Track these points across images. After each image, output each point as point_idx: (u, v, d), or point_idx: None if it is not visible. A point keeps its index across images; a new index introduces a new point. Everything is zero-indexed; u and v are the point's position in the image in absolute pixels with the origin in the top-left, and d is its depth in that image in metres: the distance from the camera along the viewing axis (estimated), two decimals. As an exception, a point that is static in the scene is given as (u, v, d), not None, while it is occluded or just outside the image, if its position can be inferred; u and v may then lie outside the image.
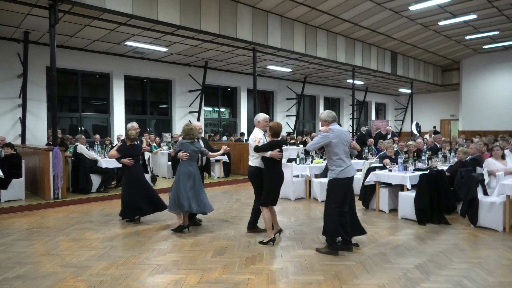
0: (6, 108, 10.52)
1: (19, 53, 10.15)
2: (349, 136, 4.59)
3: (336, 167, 4.42)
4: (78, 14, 8.22)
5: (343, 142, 4.43)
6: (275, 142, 4.85)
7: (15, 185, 7.42)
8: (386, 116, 25.46)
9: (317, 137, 4.55)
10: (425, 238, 5.14)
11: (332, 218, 4.42)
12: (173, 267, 4.10)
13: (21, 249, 4.74)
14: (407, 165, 6.56)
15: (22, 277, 3.84)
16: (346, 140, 4.49)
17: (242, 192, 8.99)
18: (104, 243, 4.97)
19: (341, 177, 4.39)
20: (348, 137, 4.56)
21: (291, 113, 18.69)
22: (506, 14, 12.63)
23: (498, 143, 7.00)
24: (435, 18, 12.75)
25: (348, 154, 4.53)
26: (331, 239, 4.45)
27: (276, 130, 4.88)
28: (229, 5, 10.23)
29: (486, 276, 3.83)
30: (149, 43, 11.14)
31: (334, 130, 4.43)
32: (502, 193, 5.36)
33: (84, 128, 12.62)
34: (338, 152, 4.40)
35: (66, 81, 12.43)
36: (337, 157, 4.42)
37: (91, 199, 7.81)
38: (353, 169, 4.51)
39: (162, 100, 15.06)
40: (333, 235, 4.45)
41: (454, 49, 17.60)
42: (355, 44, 14.71)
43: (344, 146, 4.45)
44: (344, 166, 4.40)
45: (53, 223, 6.06)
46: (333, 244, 4.45)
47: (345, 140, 4.48)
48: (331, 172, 4.48)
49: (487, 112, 19.06)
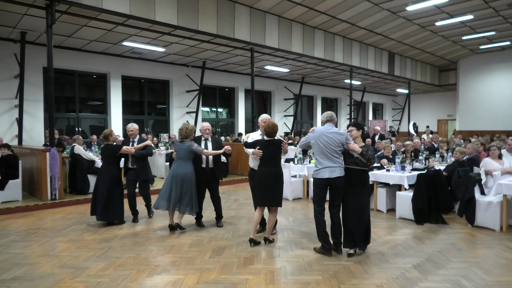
0: (3, 109, 10.46)
1: (16, 53, 10.10)
2: (333, 137, 4.35)
3: (314, 167, 4.53)
4: (75, 14, 8.19)
5: (318, 144, 4.38)
6: (257, 141, 4.88)
7: (12, 186, 7.39)
8: (384, 116, 25.52)
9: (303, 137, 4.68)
10: (423, 238, 5.15)
11: (316, 218, 4.49)
12: (171, 267, 4.10)
13: (18, 250, 4.71)
14: (405, 165, 6.58)
15: (19, 279, 3.82)
16: (326, 141, 4.33)
17: (240, 192, 8.99)
18: (101, 244, 4.95)
19: (314, 177, 4.50)
20: (330, 138, 4.34)
21: (289, 113, 18.70)
22: (503, 15, 12.69)
23: (495, 143, 7.03)
24: (432, 18, 12.79)
25: (329, 156, 4.31)
26: (321, 239, 4.47)
27: (266, 130, 4.79)
28: (226, 5, 10.23)
29: (484, 275, 3.84)
30: (146, 44, 11.12)
31: (315, 131, 4.50)
32: (499, 192, 5.38)
33: (81, 128, 12.58)
34: (315, 153, 4.48)
35: (63, 81, 12.38)
36: (315, 157, 4.51)
37: (88, 199, 7.71)
38: (330, 171, 4.30)
39: (160, 100, 15.03)
40: (320, 235, 4.47)
41: (451, 49, 17.66)
42: (352, 45, 14.74)
43: (320, 148, 4.36)
44: (318, 167, 4.41)
45: (50, 224, 6.04)
46: (325, 244, 4.44)
47: (323, 141, 4.34)
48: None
49: (484, 112, 19.14)
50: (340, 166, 4.38)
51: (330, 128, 4.45)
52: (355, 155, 4.36)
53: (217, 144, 5.70)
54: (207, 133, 5.67)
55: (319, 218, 4.46)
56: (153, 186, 9.07)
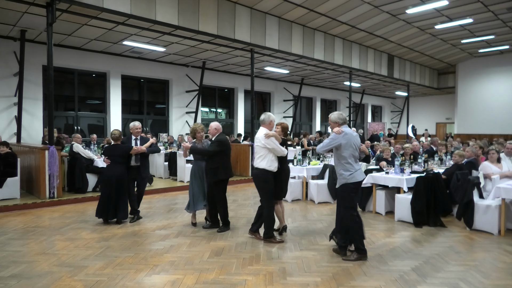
0: (2, 107, 10.44)
1: (16, 51, 10.08)
2: (358, 139, 4.49)
3: (344, 171, 4.31)
4: (75, 13, 8.18)
5: (352, 146, 4.32)
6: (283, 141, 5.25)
7: (10, 184, 7.37)
8: (382, 118, 25.58)
9: (327, 138, 4.43)
10: (421, 241, 5.16)
11: (354, 223, 4.32)
12: (170, 267, 4.09)
13: (16, 248, 4.70)
14: (404, 168, 6.59)
15: (17, 276, 3.81)
16: (356, 144, 4.38)
17: (239, 193, 8.99)
18: (100, 242, 4.94)
19: (350, 182, 4.29)
20: (358, 141, 4.46)
21: (288, 114, 18.72)
22: (502, 19, 12.74)
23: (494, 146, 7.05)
24: (432, 21, 12.84)
25: (357, 159, 4.43)
26: (360, 243, 4.34)
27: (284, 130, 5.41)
28: (227, 6, 10.24)
29: (482, 278, 3.85)
30: (146, 43, 11.11)
31: (346, 132, 4.34)
32: (498, 196, 5.39)
33: (80, 127, 12.55)
34: (346, 156, 4.28)
35: (63, 80, 12.36)
36: (345, 161, 4.30)
37: (87, 198, 7.76)
38: (361, 173, 4.43)
39: (159, 100, 15.02)
40: (359, 239, 4.34)
41: (450, 52, 17.73)
42: (352, 47, 14.77)
43: (354, 150, 4.34)
44: (352, 171, 4.29)
45: (48, 222, 6.02)
46: (362, 247, 4.35)
47: (355, 143, 4.36)
48: (340, 177, 4.35)
49: (482, 115, 19.21)
50: (360, 168, 4.51)
51: (352, 131, 4.50)
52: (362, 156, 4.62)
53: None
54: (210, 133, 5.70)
55: (359, 222, 4.35)
56: (152, 186, 9.07)
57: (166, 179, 10.57)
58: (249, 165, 10.89)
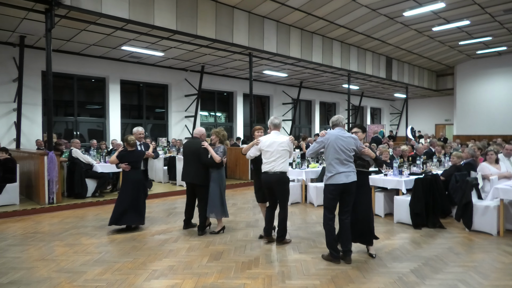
0: (1, 112, 10.47)
1: (15, 57, 10.12)
2: (349, 141, 4.33)
3: (327, 172, 4.37)
4: (74, 19, 8.22)
5: (335, 148, 4.29)
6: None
7: (9, 189, 7.37)
8: (382, 120, 25.61)
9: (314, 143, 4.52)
10: (420, 242, 5.16)
11: (325, 225, 4.40)
12: (168, 272, 4.09)
13: (16, 254, 4.70)
14: (402, 170, 6.60)
15: (16, 283, 3.81)
16: (342, 145, 4.27)
17: (238, 196, 8.98)
18: (99, 248, 4.94)
19: (328, 183, 4.33)
20: (346, 143, 4.30)
21: (287, 117, 18.74)
22: (499, 20, 12.80)
23: (492, 147, 7.06)
24: (429, 24, 12.89)
25: (344, 161, 4.29)
26: (330, 247, 4.37)
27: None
28: (225, 10, 10.28)
29: (481, 279, 3.85)
30: (145, 48, 11.16)
31: (328, 135, 4.37)
32: (496, 197, 5.40)
33: (79, 132, 12.57)
34: (329, 157, 4.32)
35: (62, 85, 12.40)
36: (328, 163, 4.35)
37: (86, 204, 7.77)
38: (345, 176, 4.25)
39: (158, 104, 15.05)
40: (329, 242, 4.38)
41: (448, 54, 17.78)
42: (350, 49, 14.82)
43: (336, 152, 4.27)
44: (333, 172, 4.27)
45: (47, 228, 6.02)
46: (333, 252, 4.36)
47: (339, 145, 4.27)
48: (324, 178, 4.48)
49: (481, 116, 19.24)
50: (353, 171, 4.35)
51: (344, 132, 4.40)
52: (367, 159, 4.45)
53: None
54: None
55: (330, 225, 4.36)
56: (151, 190, 9.07)
57: (166, 183, 10.57)
58: (248, 169, 10.89)
